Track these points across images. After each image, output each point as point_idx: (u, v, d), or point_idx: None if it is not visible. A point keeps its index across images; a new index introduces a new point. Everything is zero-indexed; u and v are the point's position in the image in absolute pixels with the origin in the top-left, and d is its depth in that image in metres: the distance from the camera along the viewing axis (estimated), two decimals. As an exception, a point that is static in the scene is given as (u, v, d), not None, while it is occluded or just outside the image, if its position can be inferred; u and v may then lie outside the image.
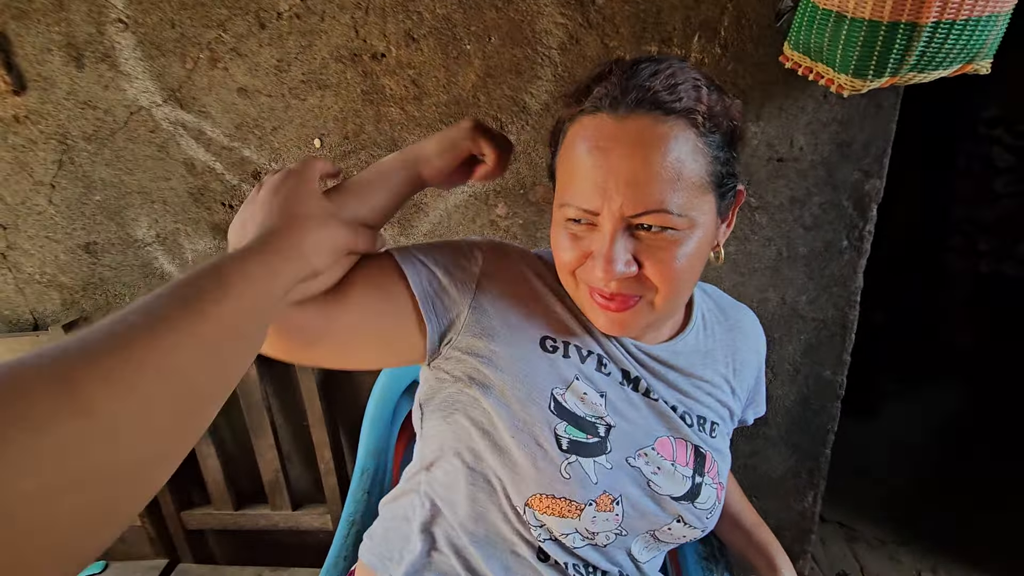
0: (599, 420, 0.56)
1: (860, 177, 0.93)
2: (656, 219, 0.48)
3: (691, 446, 0.60)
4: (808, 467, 1.20)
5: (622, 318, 0.53)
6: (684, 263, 0.50)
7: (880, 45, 0.65)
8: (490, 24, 0.87)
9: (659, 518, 0.58)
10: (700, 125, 0.49)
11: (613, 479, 0.56)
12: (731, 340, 0.67)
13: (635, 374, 0.59)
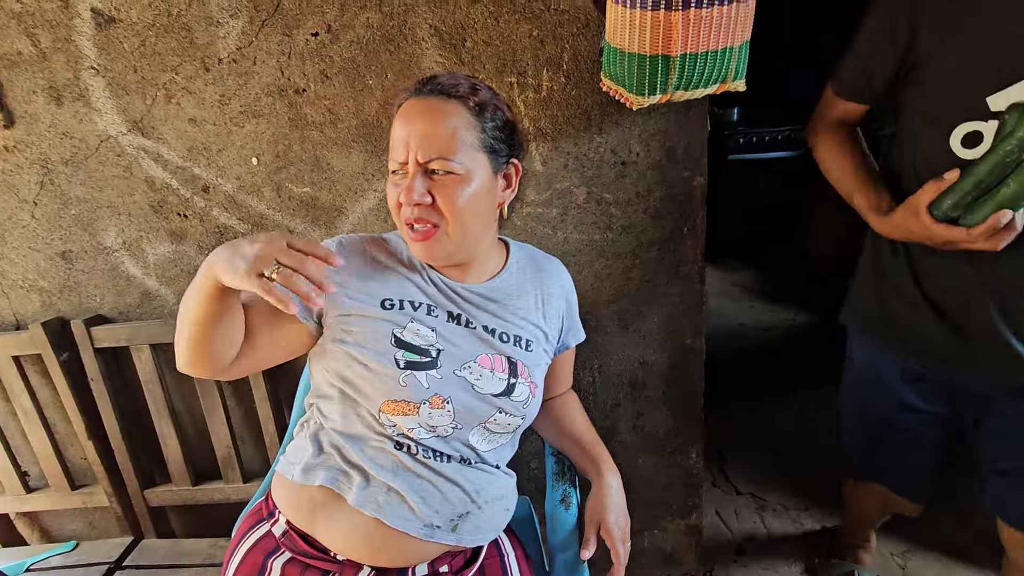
0: (431, 347, 0.80)
1: (688, 176, 1.16)
2: (440, 164, 0.74)
3: (505, 358, 0.83)
4: (686, 426, 1.40)
5: (427, 246, 0.77)
6: (465, 201, 0.75)
7: (648, 71, 0.89)
8: (386, 64, 1.11)
9: (484, 411, 0.81)
10: (471, 108, 0.77)
11: (442, 385, 0.79)
12: (540, 280, 0.91)
13: (457, 312, 0.84)
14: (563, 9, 1.05)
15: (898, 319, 1.01)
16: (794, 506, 1.85)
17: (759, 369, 2.66)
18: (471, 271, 0.86)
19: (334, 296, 0.79)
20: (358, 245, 0.85)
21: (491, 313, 0.85)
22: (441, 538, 0.77)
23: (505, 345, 0.83)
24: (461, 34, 1.08)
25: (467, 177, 0.75)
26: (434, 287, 0.84)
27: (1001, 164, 0.69)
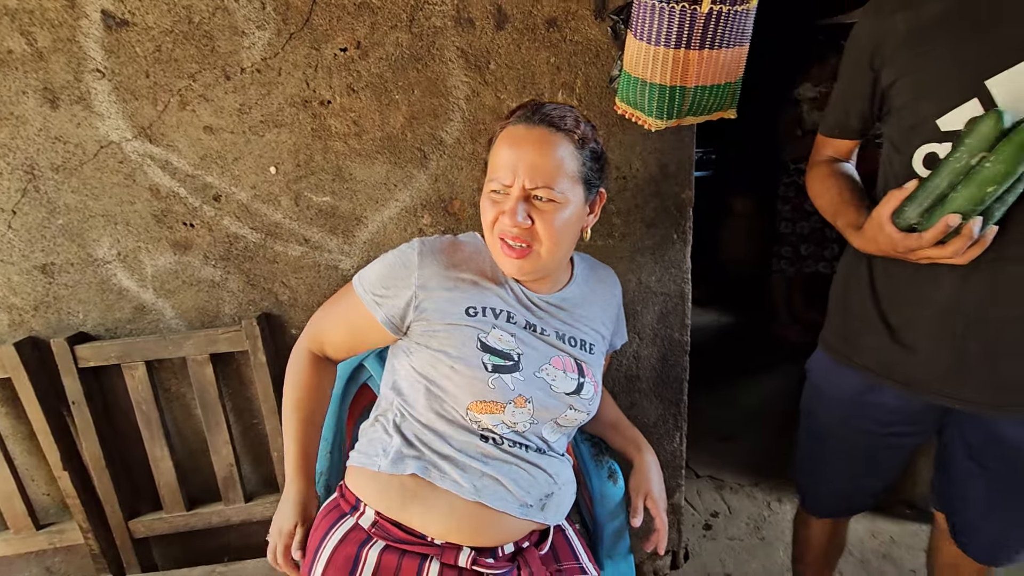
0: (512, 351, 0.85)
1: (678, 189, 1.33)
2: (545, 192, 0.80)
3: (573, 359, 0.90)
4: (672, 413, 1.56)
5: (520, 263, 0.84)
6: (561, 225, 0.82)
7: (668, 99, 1.05)
8: (413, 81, 1.18)
9: (558, 408, 0.87)
10: (576, 141, 0.83)
11: (525, 387, 0.85)
12: (600, 289, 1.01)
13: (532, 322, 0.89)
14: (577, 41, 1.19)
15: (858, 339, 1.03)
16: (748, 483, 2.08)
17: (700, 363, 2.94)
18: (547, 283, 0.92)
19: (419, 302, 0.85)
20: (441, 254, 0.88)
21: (561, 320, 0.92)
22: (534, 516, 0.85)
23: (573, 348, 0.91)
24: (486, 57, 1.18)
25: (564, 205, 0.81)
26: (513, 296, 0.89)
27: (952, 172, 0.78)
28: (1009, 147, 0.72)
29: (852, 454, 1.13)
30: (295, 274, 1.28)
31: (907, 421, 1.04)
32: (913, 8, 0.88)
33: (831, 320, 1.12)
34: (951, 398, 0.95)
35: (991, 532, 1.05)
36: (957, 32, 0.84)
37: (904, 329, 0.97)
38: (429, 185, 1.25)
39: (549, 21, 1.16)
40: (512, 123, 0.84)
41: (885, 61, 0.92)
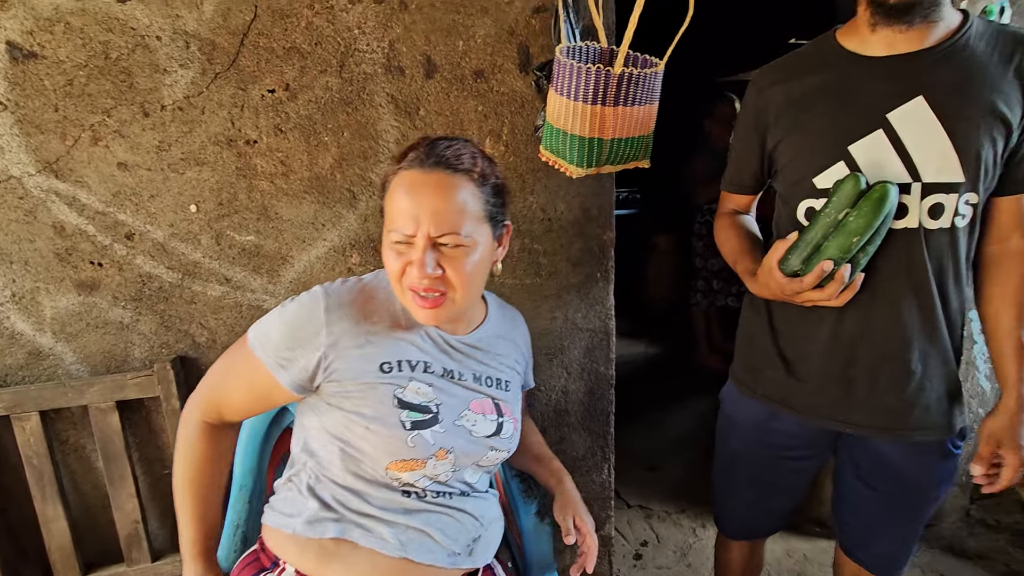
0: (431, 403, 0.83)
1: (600, 231, 1.42)
2: (451, 239, 0.76)
3: (492, 400, 0.90)
4: (600, 445, 1.61)
5: (435, 313, 0.80)
6: (472, 269, 0.79)
7: (587, 149, 1.12)
8: (343, 123, 1.20)
9: (479, 452, 0.87)
10: (475, 179, 0.80)
11: (446, 438, 0.83)
12: (510, 326, 1.01)
13: (450, 367, 0.87)
14: (503, 91, 1.26)
15: (760, 372, 1.11)
16: (675, 510, 2.16)
17: (628, 395, 3.05)
18: (462, 323, 0.91)
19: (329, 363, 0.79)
20: (350, 308, 0.81)
21: (478, 360, 0.90)
22: (462, 563, 0.84)
23: (490, 389, 0.90)
24: (415, 104, 1.22)
25: (473, 247, 0.78)
26: (430, 341, 0.86)
27: (824, 225, 0.90)
28: (867, 204, 0.84)
29: (760, 478, 1.21)
30: (215, 315, 1.24)
31: (805, 445, 1.13)
32: (786, 83, 1.01)
33: (738, 354, 1.21)
34: (841, 423, 1.05)
35: (883, 548, 1.15)
36: (825, 105, 0.97)
37: (798, 363, 1.06)
38: (359, 225, 1.26)
39: (476, 72, 1.23)
40: (406, 167, 0.79)
41: (768, 127, 1.04)
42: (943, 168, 0.90)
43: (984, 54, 0.90)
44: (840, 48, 0.97)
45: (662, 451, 2.54)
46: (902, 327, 0.97)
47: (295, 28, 1.13)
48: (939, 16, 0.89)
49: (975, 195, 0.92)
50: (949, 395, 1.01)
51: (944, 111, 0.89)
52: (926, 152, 0.90)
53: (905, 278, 0.95)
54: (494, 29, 1.21)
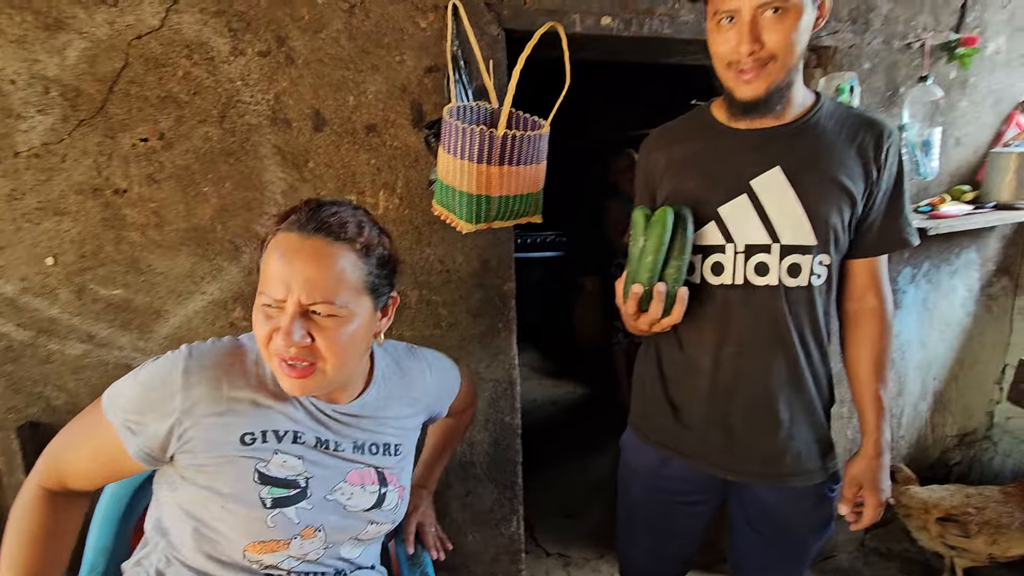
0: (298, 476, 0.77)
1: (500, 282, 1.43)
2: (323, 308, 0.71)
3: (374, 469, 0.84)
4: (508, 496, 1.58)
5: (303, 383, 0.73)
6: (346, 340, 0.73)
7: (475, 205, 1.14)
8: (224, 174, 1.15)
9: (356, 527, 0.82)
10: (358, 250, 0.75)
11: (313, 515, 0.77)
12: (404, 382, 0.92)
13: (325, 438, 0.80)
14: (397, 146, 1.26)
15: (652, 418, 1.14)
16: (593, 556, 2.13)
17: (553, 438, 3.04)
18: (342, 392, 0.83)
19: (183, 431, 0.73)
20: (212, 370, 0.75)
21: (361, 428, 0.84)
22: None
23: (375, 456, 0.84)
24: (304, 156, 1.20)
25: (348, 318, 0.73)
26: (303, 411, 0.79)
27: (634, 257, 0.97)
28: (652, 227, 0.95)
29: (655, 525, 1.22)
30: (75, 375, 1.13)
31: (698, 490, 1.16)
32: (668, 148, 1.09)
33: (633, 400, 1.23)
34: (724, 469, 1.08)
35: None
36: (699, 170, 1.04)
37: (684, 409, 1.10)
38: (243, 278, 1.20)
39: (368, 127, 1.23)
40: (285, 229, 0.74)
41: (656, 186, 1.11)
42: (798, 232, 0.99)
43: (832, 132, 1.01)
44: (713, 119, 1.06)
45: (584, 496, 2.53)
46: (768, 377, 1.03)
47: (171, 77, 1.09)
48: (793, 99, 0.99)
49: (827, 256, 1.01)
50: (818, 443, 1.07)
51: (797, 181, 0.98)
52: (783, 217, 0.99)
53: (769, 332, 1.01)
54: (386, 86, 1.22)
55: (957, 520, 1.84)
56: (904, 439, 2.09)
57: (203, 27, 1.09)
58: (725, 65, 0.95)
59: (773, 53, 0.90)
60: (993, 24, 1.75)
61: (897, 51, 1.66)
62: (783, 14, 0.88)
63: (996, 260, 2.05)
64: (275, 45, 1.14)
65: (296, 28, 1.14)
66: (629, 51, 1.64)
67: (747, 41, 0.89)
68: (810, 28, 0.93)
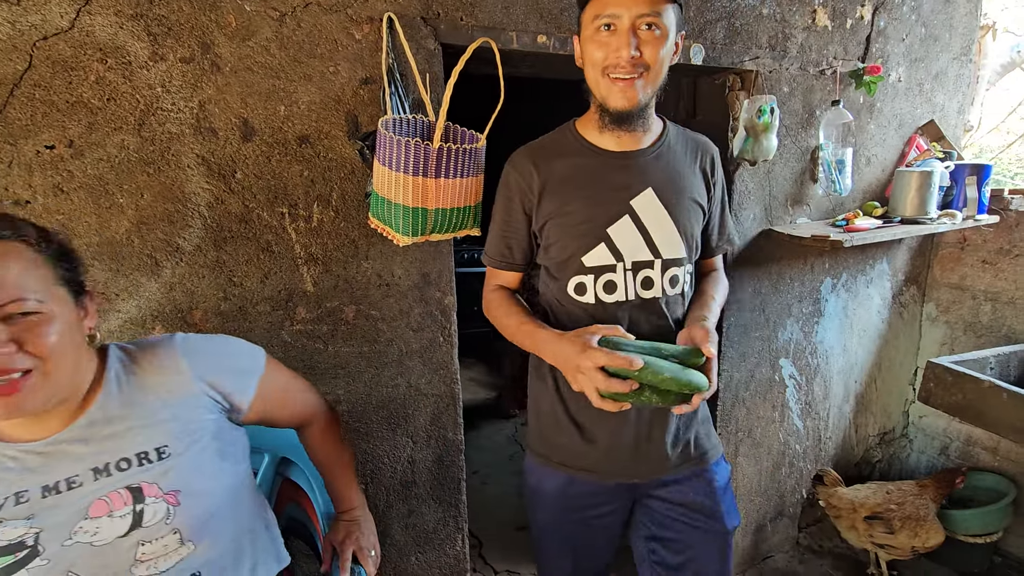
0: (22, 538, 0.70)
1: (440, 295, 1.41)
2: (15, 307, 0.66)
3: (124, 489, 0.76)
4: (452, 515, 1.55)
5: (16, 400, 0.66)
6: (55, 339, 0.68)
7: (412, 218, 1.13)
8: (142, 185, 1.09)
9: (123, 556, 0.75)
10: (34, 244, 0.70)
11: (53, 569, 0.71)
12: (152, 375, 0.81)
13: (54, 481, 0.73)
14: (332, 157, 1.23)
15: (554, 440, 1.14)
16: (541, 572, 2.12)
17: (499, 451, 3.02)
18: (65, 413, 0.75)
19: None
20: None
21: (99, 448, 0.75)
22: None
23: (125, 472, 0.76)
24: (231, 167, 1.15)
25: (50, 315, 0.69)
26: (19, 466, 0.72)
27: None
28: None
29: (570, 543, 1.22)
30: (-35, 405, 1.02)
31: (607, 501, 1.17)
32: (542, 167, 1.07)
33: (530, 425, 1.22)
34: (633, 475, 1.13)
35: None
36: (583, 191, 1.05)
37: (590, 426, 1.11)
38: (163, 294, 1.13)
39: (301, 138, 1.20)
40: None
41: (533, 207, 1.08)
42: (673, 246, 1.07)
43: (681, 153, 1.11)
44: (583, 139, 1.08)
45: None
46: None
47: (82, 82, 1.02)
48: (650, 123, 1.07)
49: (691, 265, 1.12)
50: (705, 434, 1.17)
51: (665, 200, 1.06)
52: (661, 234, 1.06)
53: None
54: (319, 96, 1.19)
55: (882, 518, 1.95)
56: (831, 440, 2.21)
57: (119, 30, 1.03)
58: (601, 71, 0.98)
59: (648, 63, 0.95)
60: (894, 55, 1.92)
61: (812, 77, 1.78)
62: (657, 32, 0.94)
63: (905, 270, 2.22)
64: (199, 51, 1.09)
65: (223, 35, 1.10)
66: (568, 70, 1.69)
67: (627, 46, 0.93)
68: (671, 55, 1.00)
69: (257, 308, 1.22)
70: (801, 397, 2.06)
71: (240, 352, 0.90)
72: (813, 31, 1.75)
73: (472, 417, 3.37)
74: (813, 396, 2.09)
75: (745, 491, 2.01)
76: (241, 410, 0.88)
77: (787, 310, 1.94)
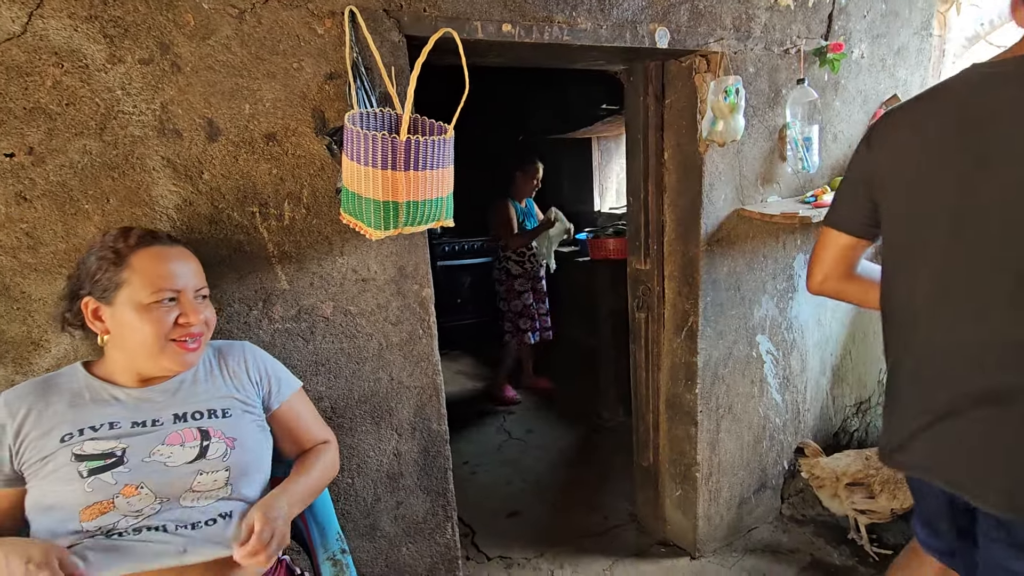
0: (112, 449, 0.90)
1: (418, 288, 1.42)
2: (205, 291, 1.01)
3: (196, 429, 0.96)
4: (441, 504, 1.57)
5: (197, 353, 0.99)
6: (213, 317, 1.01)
7: (383, 212, 1.13)
8: (107, 190, 1.08)
9: (184, 478, 0.92)
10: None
11: (132, 475, 0.89)
12: (223, 362, 1.07)
13: (141, 419, 0.94)
14: (301, 154, 1.23)
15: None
16: (533, 555, 2.15)
17: (487, 440, 3.04)
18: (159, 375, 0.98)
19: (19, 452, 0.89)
20: (28, 398, 0.91)
21: (181, 400, 0.98)
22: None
23: (197, 421, 0.97)
24: (198, 167, 1.14)
25: (210, 300, 1.03)
26: (119, 404, 0.94)
27: None
28: None
29: None
30: (-62, 419, 1.01)
31: None
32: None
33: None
34: None
35: None
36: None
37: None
38: (135, 299, 1.13)
39: (268, 136, 1.19)
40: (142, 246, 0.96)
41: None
42: None
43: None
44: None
45: (524, 493, 2.55)
46: None
47: (39, 87, 1.01)
48: None
49: None
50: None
51: None
52: None
53: None
54: (284, 93, 1.19)
55: (862, 484, 2.01)
56: (810, 412, 2.26)
57: (73, 33, 1.01)
58: None
59: None
60: (856, 32, 1.95)
61: (777, 56, 1.81)
62: None
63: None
64: (158, 52, 1.08)
65: (181, 34, 1.09)
66: (536, 58, 1.69)
67: None
68: None
69: (233, 308, 1.22)
70: (779, 372, 2.11)
71: (284, 369, 1.16)
72: (776, 11, 1.77)
73: (461, 408, 3.39)
74: (791, 370, 2.14)
75: (728, 466, 2.06)
76: (270, 409, 1.10)
77: (762, 287, 1.98)
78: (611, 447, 2.88)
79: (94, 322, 0.93)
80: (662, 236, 1.94)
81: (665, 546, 2.17)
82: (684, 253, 1.87)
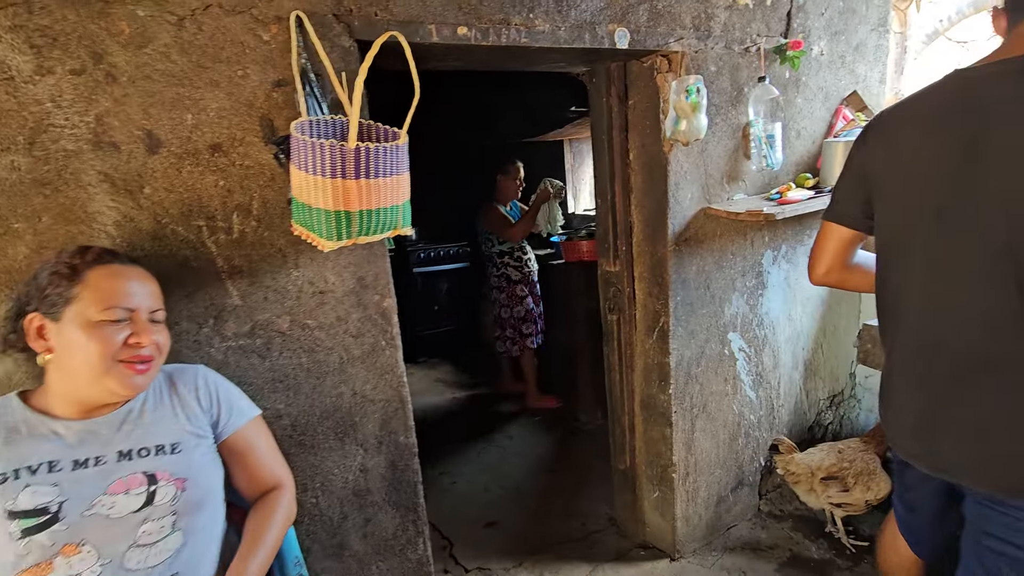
0: (49, 503, 0.83)
1: (379, 299, 1.38)
2: (159, 315, 0.97)
3: (141, 473, 0.90)
4: (411, 519, 1.53)
5: (146, 376, 0.93)
6: (166, 341, 0.97)
7: (335, 222, 1.09)
8: (39, 207, 1.02)
9: (128, 531, 0.87)
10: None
11: (71, 533, 0.83)
12: (174, 389, 1.01)
13: (84, 457, 0.88)
14: (249, 165, 1.18)
15: None
16: (513, 565, 2.12)
17: (464, 450, 3.00)
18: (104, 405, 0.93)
19: None
20: None
21: (126, 434, 0.92)
22: None
23: (144, 459, 0.91)
24: (138, 182, 1.09)
25: (165, 323, 0.99)
26: (59, 440, 0.88)
27: None
28: None
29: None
30: None
31: None
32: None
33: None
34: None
35: None
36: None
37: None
38: (75, 321, 1.07)
39: (213, 146, 1.14)
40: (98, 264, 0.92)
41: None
42: None
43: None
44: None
45: (500, 504, 2.52)
46: None
47: (-42, 101, 0.95)
48: None
49: None
50: None
51: None
52: None
53: None
54: (229, 102, 1.14)
55: (837, 477, 2.02)
56: (784, 407, 2.27)
57: (-5, 44, 0.96)
58: None
59: None
60: (815, 29, 1.97)
61: (738, 55, 1.81)
62: None
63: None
64: (91, 62, 1.03)
65: (116, 43, 1.04)
66: (495, 61, 1.67)
67: None
68: None
69: (181, 326, 1.17)
70: (752, 368, 2.11)
71: (240, 397, 1.10)
72: (735, 10, 1.77)
73: (439, 417, 3.34)
74: (763, 366, 2.15)
75: (705, 465, 2.06)
76: (220, 437, 1.04)
77: (731, 285, 1.98)
78: (589, 451, 2.87)
79: (37, 340, 0.88)
80: (631, 237, 1.93)
81: (645, 549, 2.15)
82: (653, 253, 1.86)
